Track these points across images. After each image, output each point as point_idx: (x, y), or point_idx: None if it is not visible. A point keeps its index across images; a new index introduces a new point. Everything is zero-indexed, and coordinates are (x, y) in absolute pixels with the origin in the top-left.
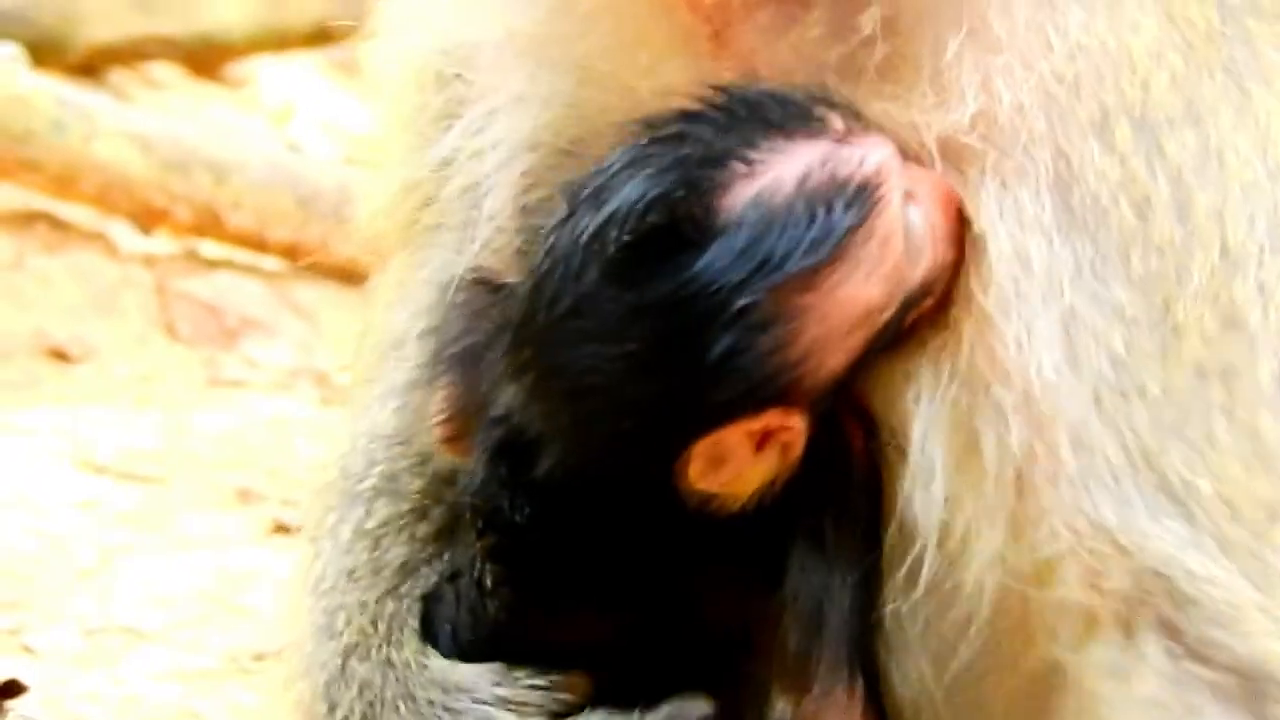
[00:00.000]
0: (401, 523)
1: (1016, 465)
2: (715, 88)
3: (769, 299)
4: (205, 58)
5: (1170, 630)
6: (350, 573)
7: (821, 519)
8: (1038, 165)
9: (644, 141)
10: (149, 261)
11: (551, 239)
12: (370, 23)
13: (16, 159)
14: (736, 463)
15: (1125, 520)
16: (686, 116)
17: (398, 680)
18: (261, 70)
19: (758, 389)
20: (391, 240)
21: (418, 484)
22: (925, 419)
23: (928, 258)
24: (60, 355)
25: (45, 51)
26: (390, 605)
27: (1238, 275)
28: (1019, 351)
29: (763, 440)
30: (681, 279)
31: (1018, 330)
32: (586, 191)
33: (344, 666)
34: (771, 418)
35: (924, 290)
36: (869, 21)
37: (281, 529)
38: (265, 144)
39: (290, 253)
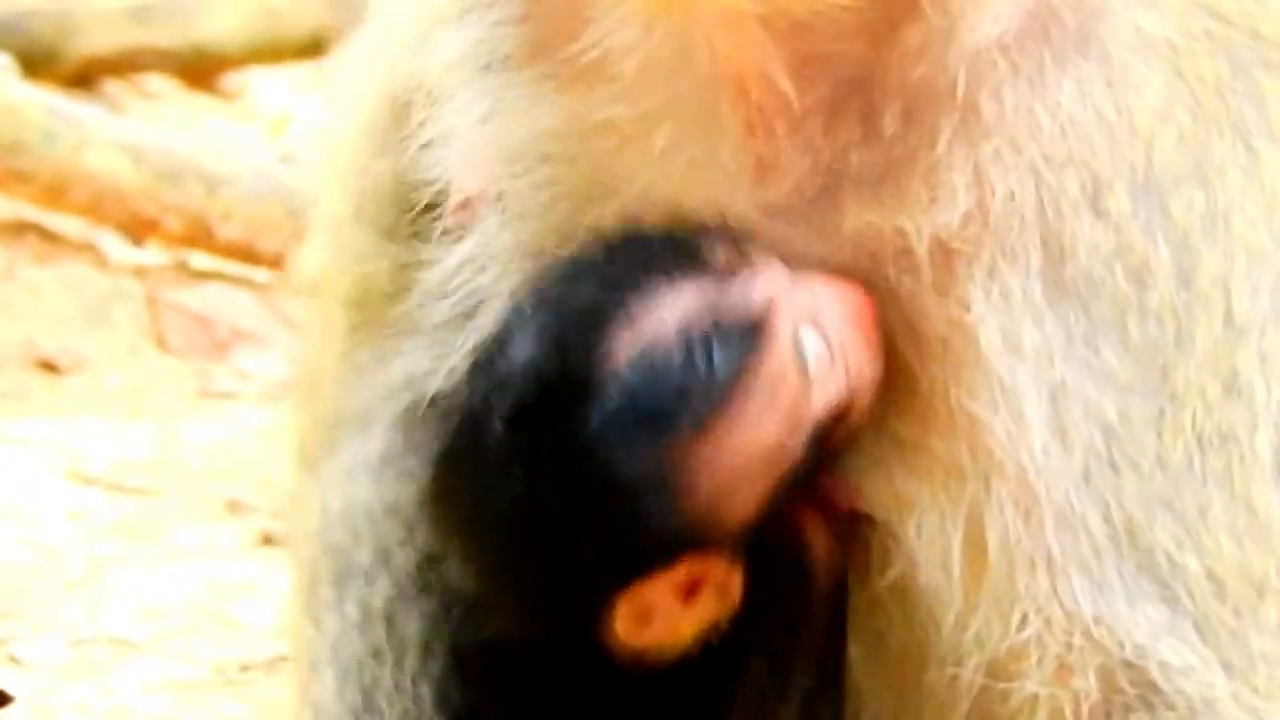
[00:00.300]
0: (408, 599)
1: (1007, 551)
2: (599, 233)
3: (660, 455)
4: (200, 69)
5: None
6: (375, 653)
7: (779, 640)
8: (1027, 249)
9: (531, 298)
10: (140, 273)
11: (455, 411)
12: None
13: (7, 169)
14: (664, 615)
15: (1101, 608)
16: (572, 265)
17: None
18: (256, 82)
19: (665, 541)
20: (337, 311)
21: (414, 557)
22: (921, 516)
23: (836, 381)
24: (50, 366)
25: (39, 62)
26: (425, 688)
27: (1241, 344)
28: (1009, 440)
29: (691, 588)
30: (572, 443)
31: (1006, 421)
32: (483, 354)
33: None
34: (691, 566)
35: (838, 413)
36: (891, 121)
37: (271, 541)
38: (257, 155)
39: (281, 264)
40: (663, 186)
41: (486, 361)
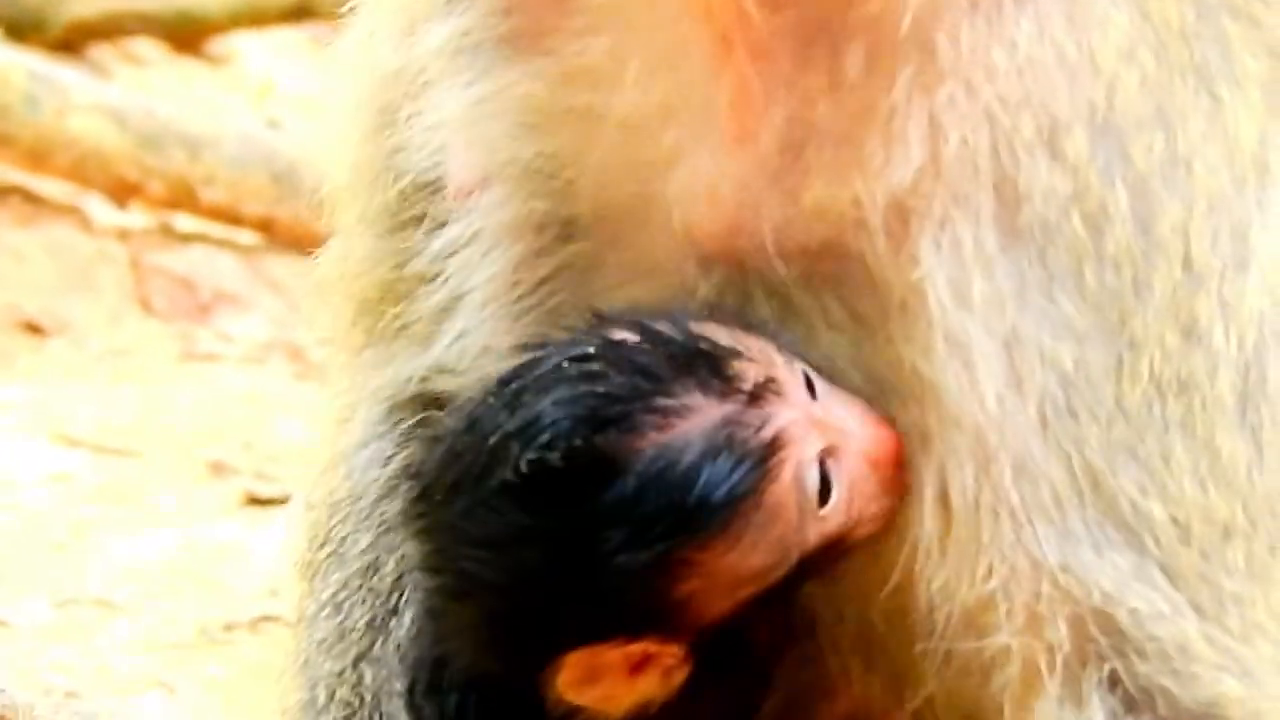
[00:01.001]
0: (357, 583)
1: (969, 503)
2: (638, 322)
3: (655, 551)
4: (186, 33)
5: (1114, 684)
6: (321, 643)
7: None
8: (979, 196)
9: (568, 355)
10: (123, 236)
11: (466, 423)
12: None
13: None
14: (610, 682)
15: (1067, 556)
16: (613, 344)
17: None
18: (243, 46)
19: (636, 620)
20: (347, 310)
21: (364, 540)
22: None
23: (837, 518)
24: (34, 329)
25: (25, 27)
26: (368, 672)
27: (1201, 290)
28: (962, 392)
29: (640, 664)
30: (576, 514)
31: (958, 374)
32: (506, 391)
33: None
34: (649, 644)
35: (832, 544)
36: (853, 64)
37: (254, 502)
38: (240, 119)
39: (265, 227)
40: (638, 131)
41: (513, 398)
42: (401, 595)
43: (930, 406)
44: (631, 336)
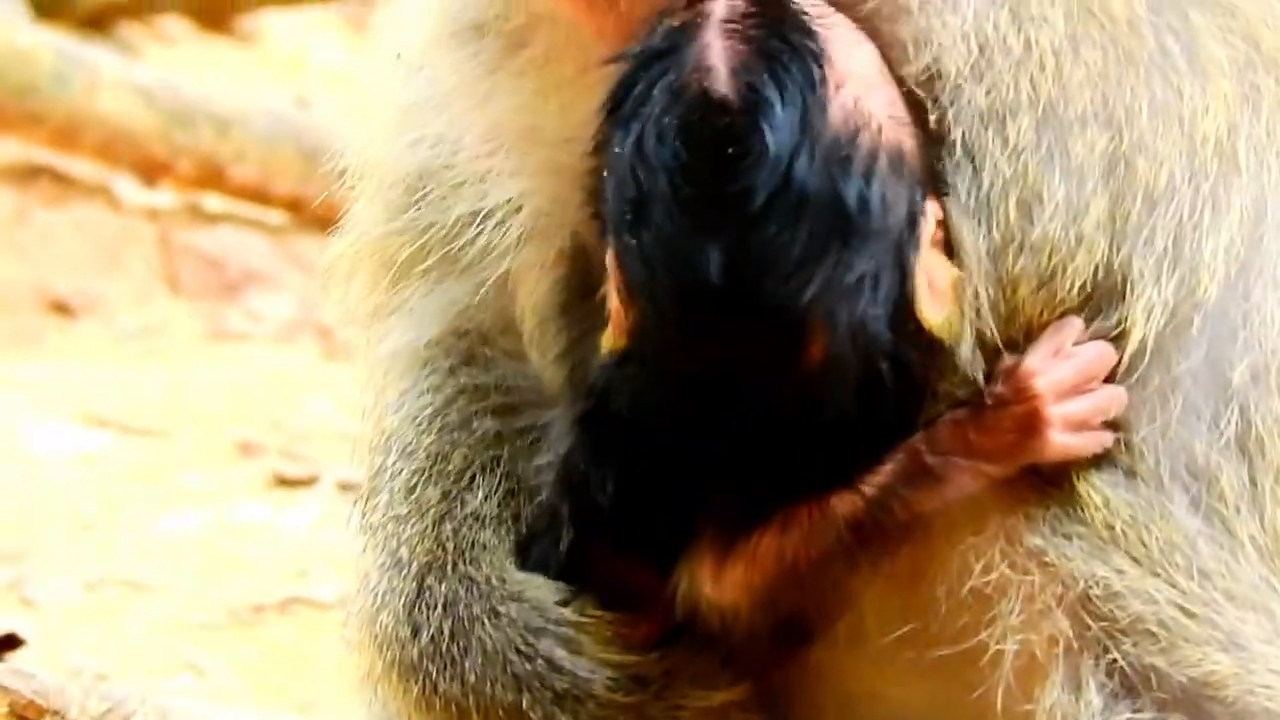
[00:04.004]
0: (426, 471)
1: None
2: None
3: None
4: (215, 11)
5: (1110, 670)
6: (397, 517)
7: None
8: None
9: None
10: (152, 215)
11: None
12: None
13: (19, 113)
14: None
15: (1056, 545)
16: None
17: (480, 596)
18: (271, 24)
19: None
20: (375, 273)
21: (427, 440)
22: None
23: None
24: (63, 309)
25: (53, 5)
26: (448, 527)
27: (1132, 292)
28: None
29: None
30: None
31: None
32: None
33: (420, 588)
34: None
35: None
36: None
37: (282, 482)
38: (269, 98)
39: (293, 206)
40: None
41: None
42: (473, 477)
43: None
44: None
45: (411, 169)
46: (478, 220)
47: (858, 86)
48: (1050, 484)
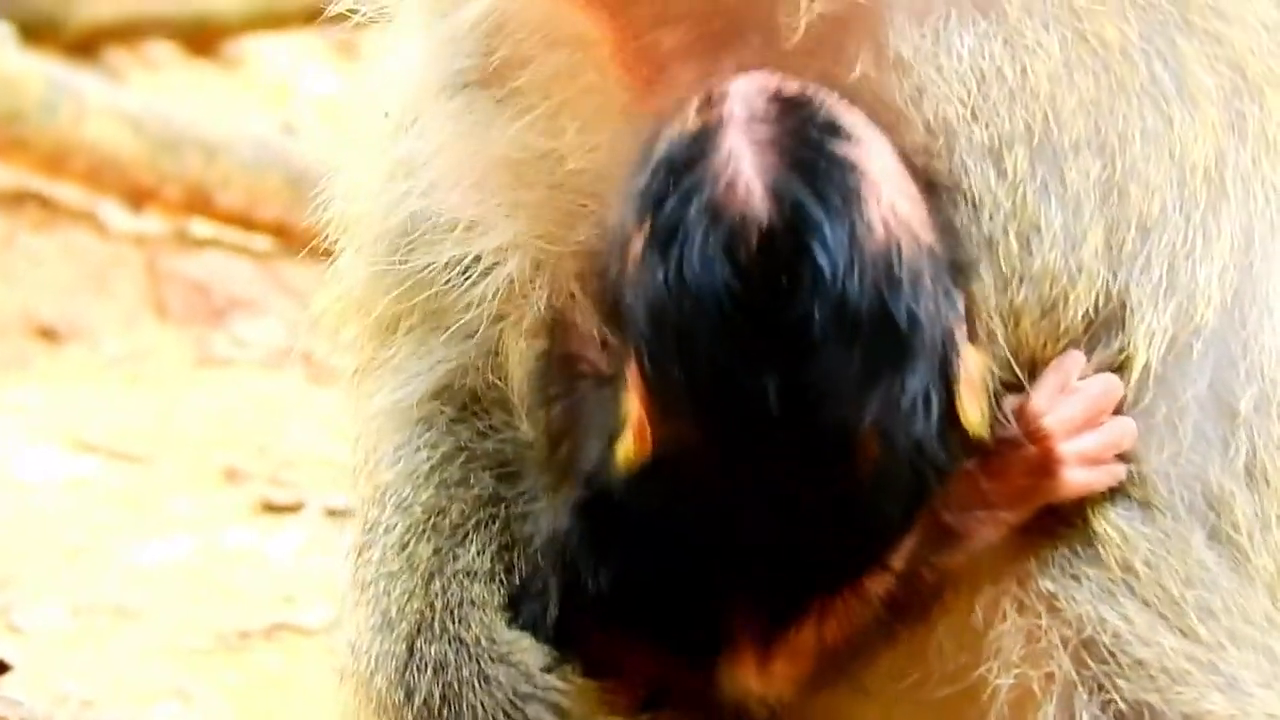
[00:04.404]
0: (421, 526)
1: None
2: None
3: None
4: (202, 37)
5: (1104, 705)
6: (391, 575)
7: None
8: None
9: None
10: (139, 241)
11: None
12: (367, 2)
13: (6, 139)
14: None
15: (1058, 586)
16: None
17: (470, 658)
18: (258, 50)
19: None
20: (365, 329)
21: (425, 494)
22: None
23: None
24: (49, 334)
25: (41, 30)
26: (438, 584)
27: (1132, 318)
28: None
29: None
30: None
31: None
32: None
33: (411, 650)
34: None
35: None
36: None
37: (269, 508)
38: (255, 124)
39: (279, 232)
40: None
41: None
42: (466, 534)
43: None
44: None
45: (397, 224)
46: (464, 277)
47: (891, 191)
48: (1064, 523)
